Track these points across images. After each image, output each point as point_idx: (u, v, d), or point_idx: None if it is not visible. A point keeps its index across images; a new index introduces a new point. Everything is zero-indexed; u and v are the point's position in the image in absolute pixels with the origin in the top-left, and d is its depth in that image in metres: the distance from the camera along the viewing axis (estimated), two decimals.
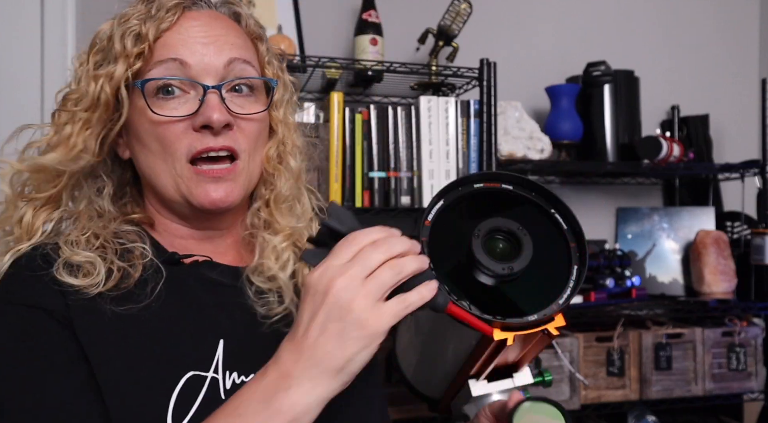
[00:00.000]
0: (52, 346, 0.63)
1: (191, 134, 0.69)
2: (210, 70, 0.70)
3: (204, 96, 0.68)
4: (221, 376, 0.67)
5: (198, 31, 0.70)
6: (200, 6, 0.73)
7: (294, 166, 0.79)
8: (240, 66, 0.72)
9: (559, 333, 0.82)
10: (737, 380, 1.87)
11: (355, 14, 1.88)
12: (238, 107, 0.71)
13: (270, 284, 0.74)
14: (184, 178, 0.70)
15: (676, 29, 2.35)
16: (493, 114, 1.73)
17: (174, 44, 0.69)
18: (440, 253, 0.82)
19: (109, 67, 0.68)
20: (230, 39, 0.72)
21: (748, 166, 1.98)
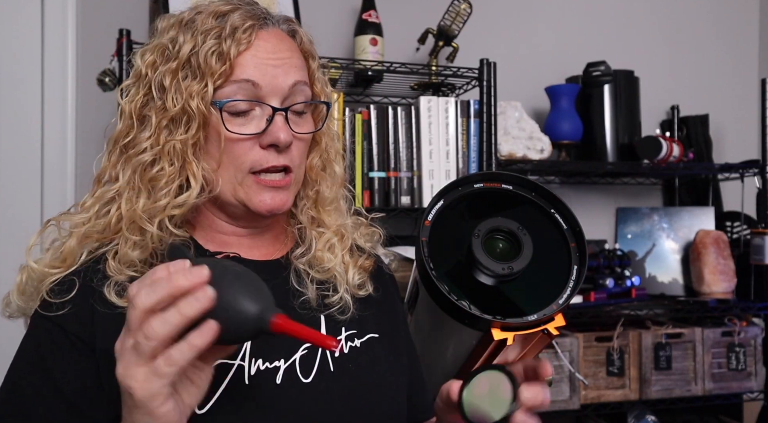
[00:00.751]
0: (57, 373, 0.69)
1: (257, 151, 0.75)
2: (278, 91, 0.75)
3: (272, 117, 0.74)
4: (247, 363, 0.71)
5: (269, 52, 0.75)
6: (269, 24, 0.78)
7: (338, 172, 0.86)
8: (301, 88, 0.77)
9: (559, 333, 0.82)
10: (737, 380, 1.87)
11: (355, 14, 1.88)
12: (297, 126, 0.77)
13: (326, 275, 0.81)
14: (245, 186, 0.75)
15: (675, 29, 2.35)
16: (493, 114, 1.73)
17: (247, 65, 0.74)
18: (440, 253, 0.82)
19: (200, 85, 0.72)
20: (294, 61, 0.77)
21: (748, 166, 1.98)
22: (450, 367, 0.94)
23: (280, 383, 0.72)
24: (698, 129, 2.21)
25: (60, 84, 1.73)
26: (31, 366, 0.70)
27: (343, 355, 0.78)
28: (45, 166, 1.72)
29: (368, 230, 0.92)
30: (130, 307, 0.54)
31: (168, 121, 0.73)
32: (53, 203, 1.70)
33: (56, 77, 1.74)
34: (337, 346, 0.57)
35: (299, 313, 0.77)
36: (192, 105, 0.72)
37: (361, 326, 0.81)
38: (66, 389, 0.68)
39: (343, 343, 0.79)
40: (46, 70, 1.74)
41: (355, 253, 0.86)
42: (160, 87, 0.74)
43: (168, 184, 0.73)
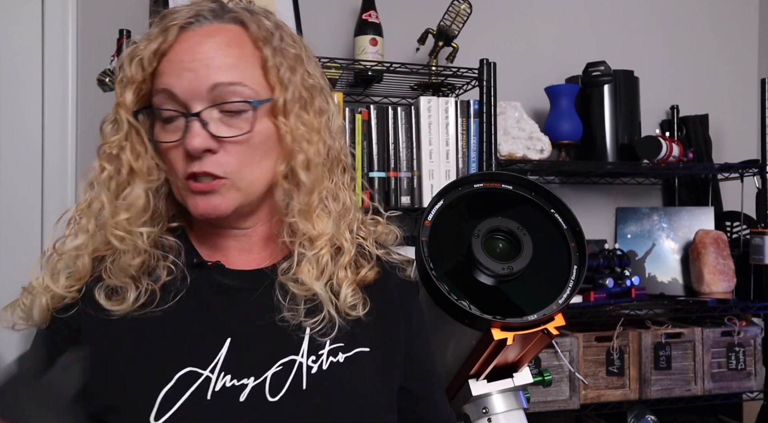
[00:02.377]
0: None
1: (185, 158, 0.73)
2: (195, 96, 0.71)
3: (187, 124, 0.71)
4: (215, 376, 0.70)
5: (186, 55, 0.71)
6: (200, 22, 0.73)
7: (306, 181, 0.75)
8: (226, 89, 0.71)
9: (558, 332, 0.82)
10: (736, 380, 1.87)
11: (355, 14, 1.88)
12: (226, 130, 0.72)
13: (306, 292, 0.75)
14: (183, 191, 0.74)
15: (675, 29, 2.35)
16: (492, 114, 1.74)
17: (165, 72, 0.72)
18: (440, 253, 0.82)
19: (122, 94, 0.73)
20: (218, 60, 0.71)
21: (748, 166, 1.98)
22: (450, 366, 0.94)
23: (243, 401, 0.69)
24: (698, 129, 2.22)
25: (60, 84, 1.73)
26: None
27: (321, 371, 0.73)
28: (45, 166, 1.72)
29: (385, 229, 0.86)
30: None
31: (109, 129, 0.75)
32: (53, 203, 1.70)
33: (56, 77, 1.74)
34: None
35: (280, 327, 0.73)
36: (118, 112, 0.73)
37: (351, 339, 0.76)
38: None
39: (324, 359, 0.74)
40: (46, 70, 1.74)
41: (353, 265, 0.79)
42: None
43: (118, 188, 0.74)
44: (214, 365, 0.70)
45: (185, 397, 0.68)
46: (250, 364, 0.71)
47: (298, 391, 0.71)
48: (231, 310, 0.74)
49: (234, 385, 0.70)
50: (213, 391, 0.69)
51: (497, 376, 0.93)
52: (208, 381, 0.69)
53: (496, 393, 0.93)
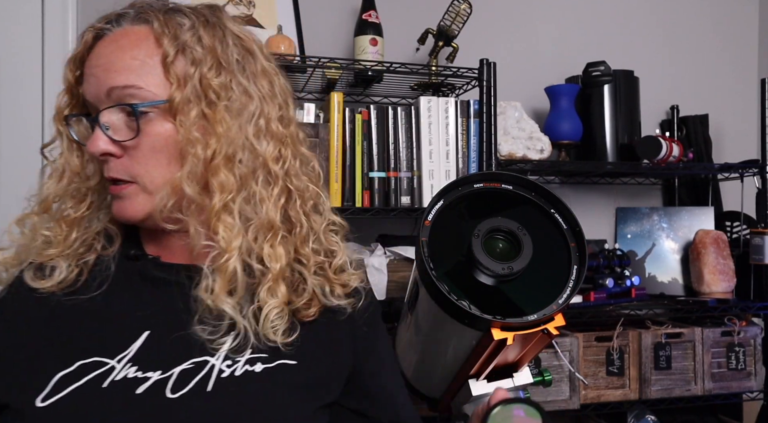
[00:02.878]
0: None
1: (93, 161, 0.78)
2: (99, 101, 0.73)
3: (93, 128, 0.74)
4: (120, 366, 0.69)
5: (92, 60, 0.74)
6: (112, 28, 0.74)
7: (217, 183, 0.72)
8: (122, 93, 0.71)
9: (558, 332, 0.82)
10: (736, 380, 1.87)
11: (355, 14, 1.88)
12: (124, 134, 0.72)
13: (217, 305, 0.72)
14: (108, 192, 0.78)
15: (675, 29, 2.35)
16: (492, 114, 1.74)
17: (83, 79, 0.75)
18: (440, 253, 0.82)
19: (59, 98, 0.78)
20: (116, 64, 0.71)
21: (747, 166, 1.98)
22: (450, 367, 0.94)
23: (139, 393, 0.67)
24: (698, 129, 2.22)
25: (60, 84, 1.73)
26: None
27: (232, 377, 0.70)
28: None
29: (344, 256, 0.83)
30: None
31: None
32: None
33: (57, 77, 1.73)
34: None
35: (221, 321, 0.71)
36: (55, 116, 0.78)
37: (277, 350, 0.73)
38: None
39: (239, 365, 0.71)
40: (46, 70, 1.75)
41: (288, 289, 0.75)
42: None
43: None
44: (123, 356, 0.70)
45: (80, 383, 0.67)
46: (161, 359, 0.70)
47: (201, 392, 0.69)
48: (158, 303, 0.74)
49: (136, 377, 0.68)
50: (112, 381, 0.68)
51: (497, 376, 0.93)
52: (110, 370, 0.68)
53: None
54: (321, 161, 1.08)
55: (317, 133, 1.61)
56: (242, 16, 1.67)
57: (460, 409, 0.97)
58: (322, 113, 1.71)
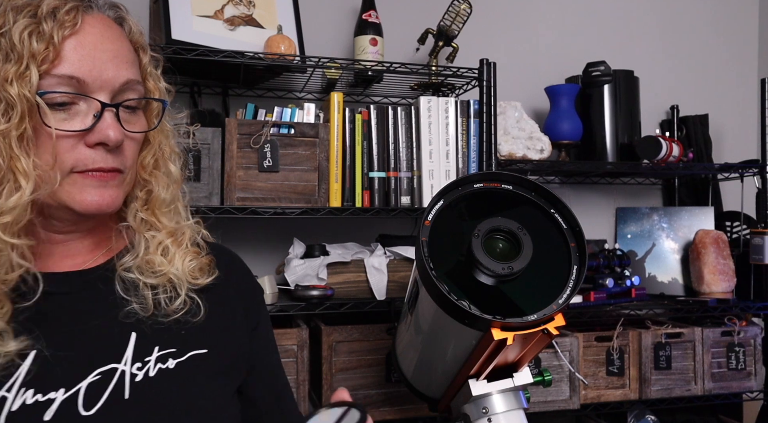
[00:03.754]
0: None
1: (82, 149, 0.67)
2: (107, 86, 0.68)
3: (101, 113, 0.68)
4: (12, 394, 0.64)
5: (97, 42, 0.68)
6: (93, 8, 0.70)
7: (174, 171, 0.79)
8: (133, 86, 0.72)
9: (558, 332, 0.82)
10: (737, 380, 1.87)
11: (355, 14, 1.88)
12: (129, 124, 0.71)
13: (160, 279, 0.74)
14: (66, 185, 0.67)
15: (675, 29, 2.35)
16: (492, 114, 1.74)
17: (72, 58, 0.66)
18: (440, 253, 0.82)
19: (17, 68, 0.63)
20: (126, 56, 0.71)
21: (747, 166, 1.98)
22: (450, 367, 0.94)
23: (48, 420, 0.63)
24: (698, 129, 2.22)
25: None
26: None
27: (147, 379, 0.69)
28: None
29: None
30: None
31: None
32: None
33: None
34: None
35: (100, 334, 0.69)
36: (11, 91, 0.62)
37: (185, 343, 0.73)
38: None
39: (151, 366, 0.70)
40: None
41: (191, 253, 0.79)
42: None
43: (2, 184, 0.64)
44: (12, 383, 0.63)
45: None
46: (59, 377, 0.65)
47: (119, 402, 0.66)
48: (42, 318, 0.67)
49: (37, 401, 0.63)
50: (9, 412, 0.62)
51: (497, 376, 0.93)
52: (2, 401, 0.62)
53: (496, 393, 0.93)
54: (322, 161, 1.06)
55: (317, 133, 1.61)
56: (242, 16, 1.67)
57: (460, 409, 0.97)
58: (322, 113, 1.71)
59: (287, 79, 1.80)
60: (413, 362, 1.08)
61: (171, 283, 0.75)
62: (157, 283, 0.74)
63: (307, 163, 1.60)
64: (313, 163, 1.60)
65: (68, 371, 0.66)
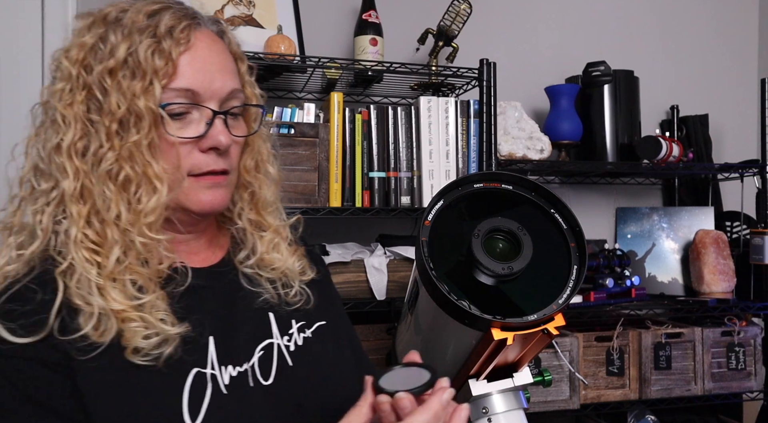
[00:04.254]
0: (51, 407, 0.65)
1: (197, 155, 0.75)
2: (216, 96, 0.75)
3: (212, 120, 0.74)
4: (218, 371, 0.72)
5: (206, 55, 0.75)
6: (201, 24, 0.77)
7: (273, 172, 0.86)
8: (236, 94, 0.78)
9: (558, 332, 0.82)
10: (737, 380, 1.87)
11: (355, 14, 1.88)
12: (234, 130, 0.78)
13: (275, 273, 0.83)
14: (183, 188, 0.74)
15: (675, 29, 2.35)
16: (492, 114, 1.74)
17: (186, 71, 0.73)
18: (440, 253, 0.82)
19: (143, 84, 0.70)
20: (229, 66, 0.78)
21: (747, 166, 1.98)
22: (450, 367, 0.94)
23: (252, 386, 0.74)
24: (698, 129, 2.22)
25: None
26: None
27: (298, 347, 0.80)
28: None
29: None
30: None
31: (117, 125, 0.70)
32: None
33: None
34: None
35: (246, 317, 0.79)
36: (139, 104, 0.69)
37: (309, 316, 0.84)
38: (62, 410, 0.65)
39: (296, 336, 0.81)
40: (46, 70, 1.74)
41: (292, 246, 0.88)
42: (101, 89, 0.71)
43: (137, 190, 0.71)
44: (211, 362, 0.72)
45: (208, 398, 0.70)
46: (237, 354, 0.75)
47: (286, 368, 0.77)
48: (197, 306, 0.75)
49: (239, 372, 0.73)
50: (224, 384, 0.71)
51: (497, 376, 0.93)
52: (215, 377, 0.71)
53: (496, 393, 0.93)
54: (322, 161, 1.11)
55: (317, 133, 1.61)
56: (242, 16, 1.67)
57: None
58: (322, 113, 1.71)
59: (287, 79, 1.80)
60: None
61: (286, 276, 0.84)
62: (274, 277, 0.83)
63: (307, 163, 1.60)
64: (313, 163, 1.60)
65: (241, 349, 0.76)
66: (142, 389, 0.67)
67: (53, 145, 0.71)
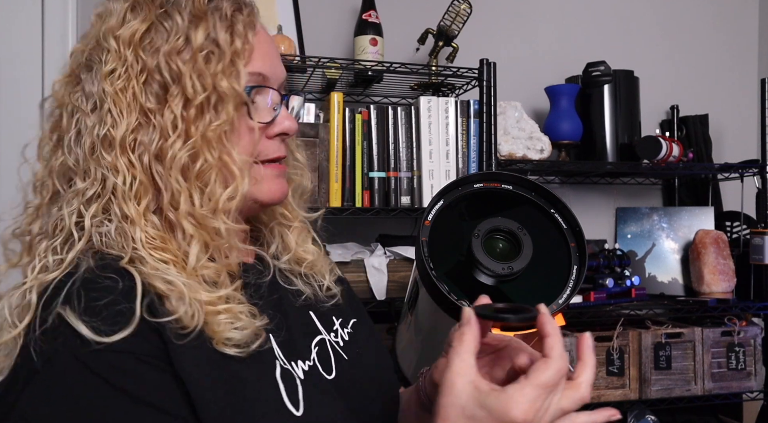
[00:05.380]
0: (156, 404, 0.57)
1: (265, 141, 0.71)
2: (278, 81, 0.73)
3: (280, 106, 0.72)
4: (290, 366, 0.67)
5: (269, 41, 0.73)
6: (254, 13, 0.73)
7: (301, 159, 0.85)
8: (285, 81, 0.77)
9: None
10: (736, 380, 1.87)
11: (355, 14, 1.88)
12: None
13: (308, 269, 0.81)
14: (256, 177, 0.70)
15: (675, 29, 2.35)
16: (492, 114, 1.74)
17: (257, 55, 0.70)
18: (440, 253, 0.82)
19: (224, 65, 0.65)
20: (277, 55, 0.76)
21: (747, 166, 1.98)
22: None
23: (324, 380, 0.72)
24: (698, 129, 2.22)
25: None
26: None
27: (345, 342, 0.79)
28: None
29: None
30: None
31: (192, 110, 0.64)
32: None
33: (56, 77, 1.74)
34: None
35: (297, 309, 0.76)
36: (223, 86, 0.64)
37: (343, 313, 0.83)
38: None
39: (340, 331, 0.80)
40: (46, 70, 1.74)
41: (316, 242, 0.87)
42: (170, 72, 0.64)
43: (216, 178, 0.65)
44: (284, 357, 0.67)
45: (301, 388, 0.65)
46: (299, 350, 0.71)
47: (343, 362, 0.76)
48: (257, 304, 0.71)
49: (310, 366, 0.70)
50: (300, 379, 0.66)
51: None
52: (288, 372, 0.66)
53: None
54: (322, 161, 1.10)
55: (317, 133, 1.61)
56: None
57: None
58: (322, 113, 1.71)
59: (287, 79, 1.80)
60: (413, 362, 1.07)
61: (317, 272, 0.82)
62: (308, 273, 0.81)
63: (307, 163, 1.59)
64: (313, 163, 1.60)
65: (299, 345, 0.72)
66: (241, 378, 0.61)
67: (96, 138, 0.63)
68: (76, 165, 0.65)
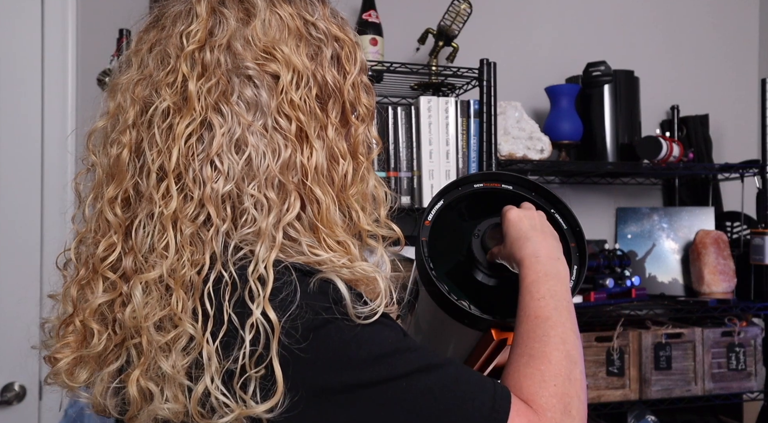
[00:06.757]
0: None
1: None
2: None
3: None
4: None
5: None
6: None
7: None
8: None
9: None
10: (737, 380, 1.87)
11: (355, 14, 1.88)
12: None
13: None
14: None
15: (675, 29, 2.35)
16: (493, 114, 1.73)
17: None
18: (440, 253, 0.82)
19: (353, 69, 0.70)
20: None
21: (748, 166, 1.98)
22: None
23: None
24: (698, 129, 2.21)
25: (60, 84, 1.73)
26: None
27: None
28: (45, 167, 1.72)
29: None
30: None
31: (358, 121, 0.67)
32: (53, 204, 1.70)
33: (56, 77, 1.74)
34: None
35: None
36: (371, 100, 0.69)
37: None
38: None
39: None
40: (46, 70, 1.74)
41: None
42: (329, 84, 0.67)
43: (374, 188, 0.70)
44: None
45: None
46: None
47: None
48: None
49: None
50: None
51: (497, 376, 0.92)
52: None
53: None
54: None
55: None
56: None
57: None
58: None
59: None
60: None
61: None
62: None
63: None
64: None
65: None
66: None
67: (280, 162, 0.62)
68: (235, 190, 0.66)
